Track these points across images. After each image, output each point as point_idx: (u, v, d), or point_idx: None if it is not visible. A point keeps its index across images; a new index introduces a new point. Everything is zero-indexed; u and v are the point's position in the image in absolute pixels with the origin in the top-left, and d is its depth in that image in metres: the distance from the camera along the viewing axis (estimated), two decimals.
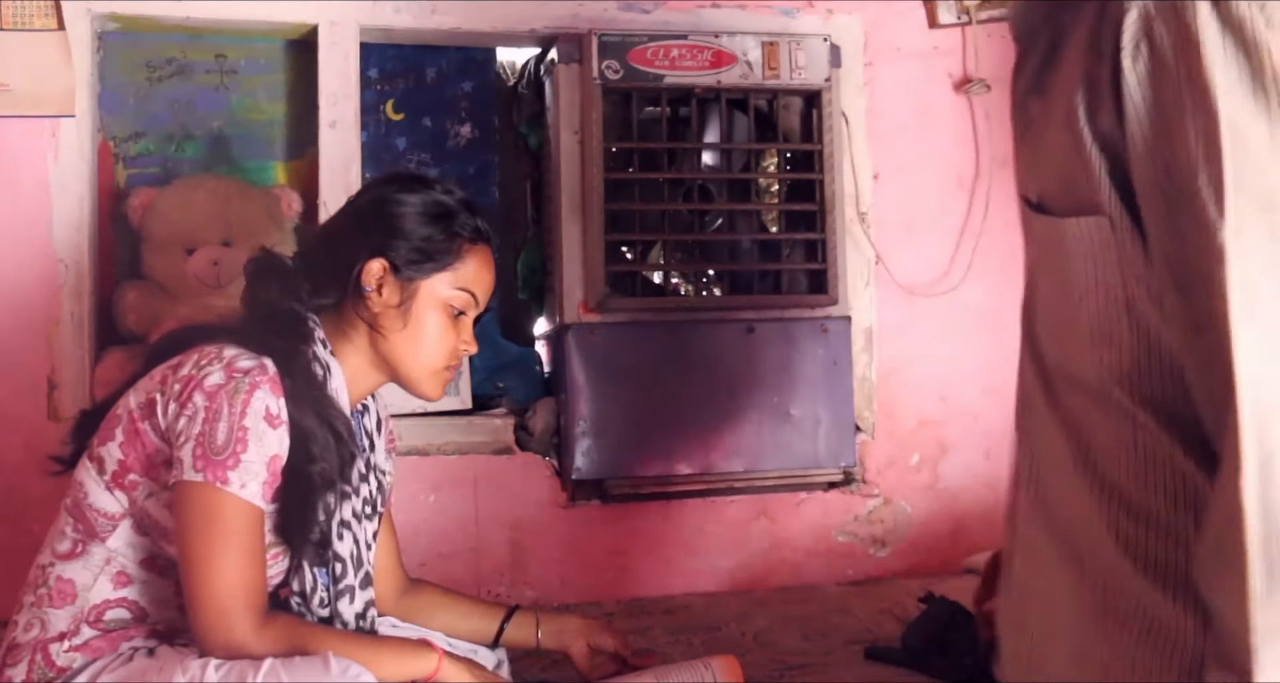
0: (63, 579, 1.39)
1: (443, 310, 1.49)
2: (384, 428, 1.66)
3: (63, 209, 2.20)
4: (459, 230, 1.49)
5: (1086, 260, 0.95)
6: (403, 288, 1.47)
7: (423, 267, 1.47)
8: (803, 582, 2.47)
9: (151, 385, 1.38)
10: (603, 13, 2.43)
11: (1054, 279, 1.00)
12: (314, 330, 1.46)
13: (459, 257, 1.49)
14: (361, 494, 1.51)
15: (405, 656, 1.36)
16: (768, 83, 2.37)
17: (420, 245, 1.47)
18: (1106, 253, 0.94)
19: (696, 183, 2.36)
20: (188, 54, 2.39)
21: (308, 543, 1.41)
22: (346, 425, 1.44)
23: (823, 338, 2.41)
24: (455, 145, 2.52)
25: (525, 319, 2.60)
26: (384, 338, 1.48)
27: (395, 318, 1.47)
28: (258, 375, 1.34)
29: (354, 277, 1.46)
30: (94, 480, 1.39)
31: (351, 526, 1.48)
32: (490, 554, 2.36)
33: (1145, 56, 0.89)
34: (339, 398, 1.45)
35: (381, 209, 1.50)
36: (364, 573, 1.49)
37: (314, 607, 1.43)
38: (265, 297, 1.47)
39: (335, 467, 1.42)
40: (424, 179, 1.56)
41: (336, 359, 1.47)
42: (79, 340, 2.20)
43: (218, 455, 1.30)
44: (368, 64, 2.44)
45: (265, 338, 1.40)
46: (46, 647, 1.37)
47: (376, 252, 1.47)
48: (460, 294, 1.50)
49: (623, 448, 2.32)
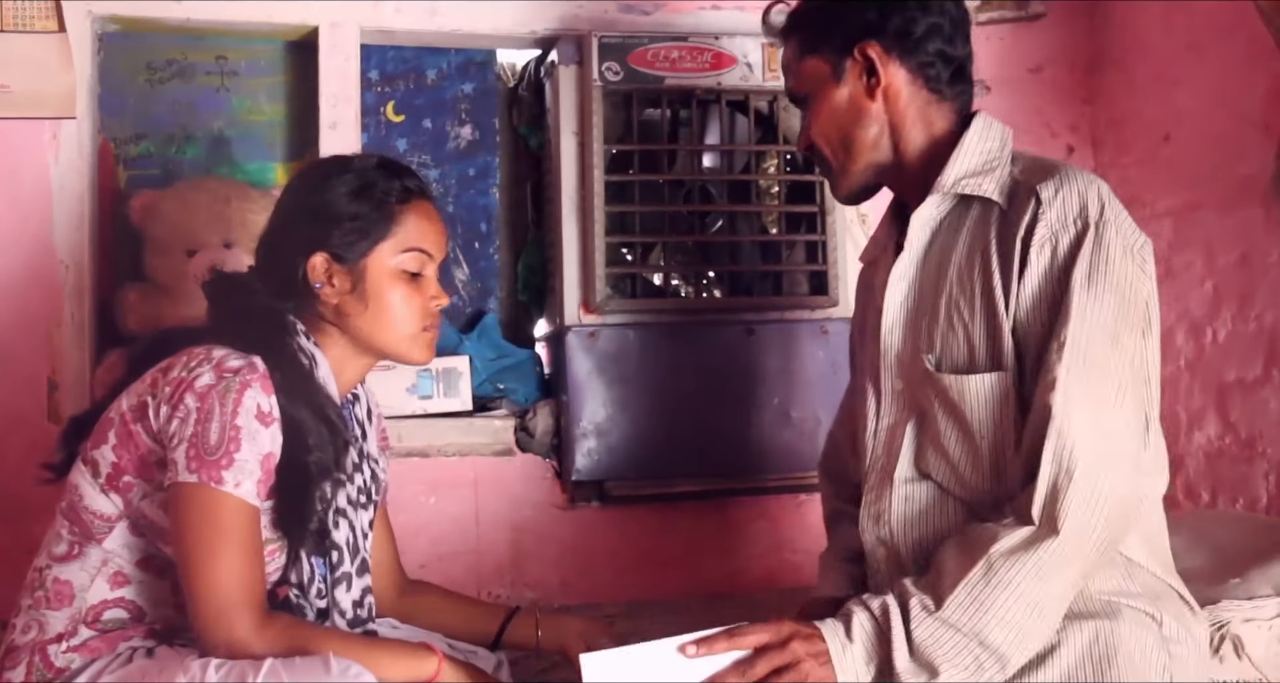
0: (59, 581, 1.39)
1: (398, 278, 1.49)
2: (376, 419, 1.66)
3: (63, 210, 2.20)
4: (385, 197, 1.48)
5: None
6: (351, 272, 1.47)
7: (362, 245, 1.47)
8: (803, 583, 2.47)
9: (142, 388, 1.39)
10: (603, 14, 2.43)
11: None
12: (294, 323, 1.47)
13: (394, 221, 1.48)
14: (356, 483, 1.52)
15: (405, 658, 1.36)
16: (768, 84, 2.37)
17: (352, 226, 1.47)
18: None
19: (697, 184, 2.36)
20: (188, 56, 2.39)
21: (306, 533, 1.41)
22: (339, 414, 1.45)
23: (823, 340, 2.41)
24: (455, 147, 2.52)
25: (526, 321, 2.59)
26: (353, 323, 1.48)
27: (355, 302, 1.48)
28: (248, 374, 1.34)
29: (301, 278, 1.46)
30: (89, 483, 1.40)
31: (347, 513, 1.48)
32: (490, 556, 2.36)
33: (1047, 255, 1.36)
34: (327, 387, 1.46)
35: (305, 203, 1.50)
36: (360, 560, 1.50)
37: (311, 597, 1.44)
38: (229, 312, 1.48)
39: (331, 456, 1.43)
40: (336, 160, 1.56)
41: (320, 349, 1.48)
42: (79, 342, 2.20)
43: (211, 456, 1.31)
44: (368, 66, 2.44)
45: (250, 335, 1.40)
46: (44, 648, 1.37)
47: (314, 247, 1.47)
48: (409, 256, 1.49)
49: (623, 450, 2.32)
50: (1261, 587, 1.68)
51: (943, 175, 1.47)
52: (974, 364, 1.41)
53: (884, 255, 1.60)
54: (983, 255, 1.42)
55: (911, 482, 1.47)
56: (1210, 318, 2.42)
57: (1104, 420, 1.31)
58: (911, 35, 1.50)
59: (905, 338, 1.50)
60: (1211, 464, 2.40)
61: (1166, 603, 1.40)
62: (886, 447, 1.51)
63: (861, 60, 1.50)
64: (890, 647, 1.30)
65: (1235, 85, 2.35)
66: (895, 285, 1.51)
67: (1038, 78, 2.74)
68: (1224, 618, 1.62)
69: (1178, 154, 2.52)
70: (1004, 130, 1.52)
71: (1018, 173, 1.45)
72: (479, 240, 2.53)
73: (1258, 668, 1.62)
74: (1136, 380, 1.34)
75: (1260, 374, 2.31)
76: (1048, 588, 1.29)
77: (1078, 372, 1.31)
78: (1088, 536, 1.29)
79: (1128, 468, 1.32)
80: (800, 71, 1.56)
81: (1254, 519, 2.10)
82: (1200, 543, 1.81)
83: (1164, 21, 2.55)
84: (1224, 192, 2.39)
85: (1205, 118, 2.44)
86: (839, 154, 1.54)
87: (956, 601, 1.30)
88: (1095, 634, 1.33)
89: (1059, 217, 1.37)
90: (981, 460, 1.40)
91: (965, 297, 1.42)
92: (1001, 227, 1.42)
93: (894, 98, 1.51)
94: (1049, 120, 2.75)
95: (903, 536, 1.47)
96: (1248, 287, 2.34)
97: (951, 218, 1.49)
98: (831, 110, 1.52)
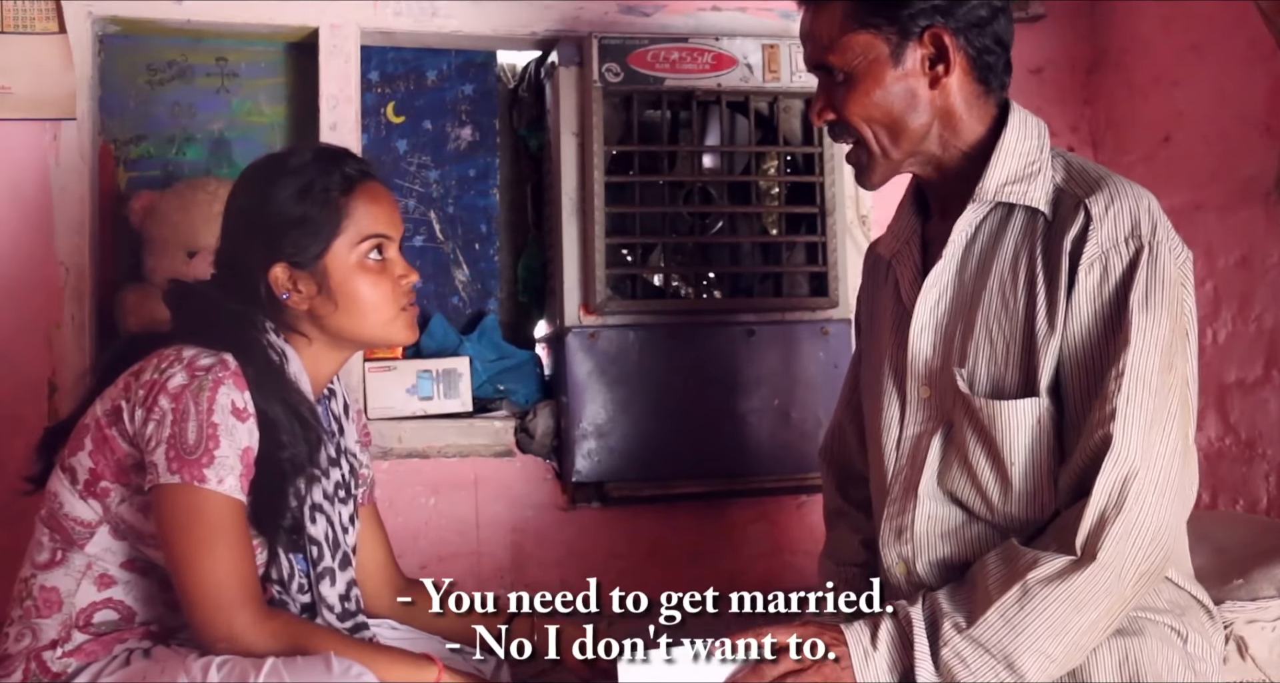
0: (45, 588, 1.39)
1: (361, 269, 1.47)
2: (354, 415, 1.65)
3: (63, 212, 2.20)
4: (327, 192, 1.46)
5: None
6: (313, 275, 1.46)
7: (316, 247, 1.45)
8: (803, 584, 2.46)
9: (116, 393, 1.39)
10: (603, 15, 2.43)
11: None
12: (262, 320, 1.46)
13: (343, 214, 1.46)
14: (333, 478, 1.51)
15: (405, 665, 1.35)
16: (768, 85, 2.37)
17: (303, 230, 1.45)
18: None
19: (697, 185, 2.36)
20: (188, 57, 2.39)
21: (280, 529, 1.41)
22: (311, 410, 1.45)
23: (823, 341, 2.41)
24: (455, 148, 2.52)
25: (526, 322, 2.59)
26: (328, 322, 1.48)
27: (325, 303, 1.47)
28: (220, 371, 1.34)
29: (265, 291, 1.45)
30: (67, 490, 1.39)
31: (324, 508, 1.48)
32: (490, 557, 2.35)
33: (1097, 274, 1.32)
34: (300, 382, 1.45)
35: (252, 215, 1.48)
36: (341, 554, 1.50)
37: (294, 593, 1.44)
38: (194, 314, 1.47)
39: (304, 452, 1.42)
40: (271, 162, 1.52)
41: (291, 346, 1.47)
42: (80, 343, 2.19)
43: (191, 455, 1.31)
44: (368, 67, 2.44)
45: (218, 334, 1.40)
46: (39, 655, 1.37)
47: (270, 259, 1.45)
48: (366, 244, 1.47)
49: (623, 451, 2.32)
50: (1265, 588, 1.68)
51: (984, 181, 1.41)
52: (1007, 385, 1.37)
53: (906, 250, 1.53)
54: (1028, 270, 1.37)
55: (936, 500, 1.44)
56: (1210, 319, 2.42)
57: (1156, 451, 1.29)
58: (979, 21, 1.39)
59: (936, 346, 1.45)
60: (1212, 465, 2.40)
61: (1191, 617, 1.40)
62: (911, 458, 1.46)
63: (931, 47, 1.40)
64: (914, 659, 1.29)
65: (1236, 86, 2.35)
66: (929, 291, 1.45)
67: (1038, 78, 2.73)
68: (1228, 619, 1.61)
69: (1178, 155, 2.52)
70: (1040, 126, 1.46)
71: (1061, 180, 1.40)
72: (479, 242, 2.53)
73: (1261, 669, 1.62)
74: (1183, 403, 1.33)
75: (1260, 375, 2.31)
76: (1082, 618, 1.27)
77: (1137, 401, 1.28)
78: (1129, 568, 1.28)
79: (1173, 497, 1.31)
80: (846, 45, 1.40)
81: (1256, 520, 2.10)
82: (1203, 544, 1.80)
83: (1164, 22, 2.55)
84: (1224, 192, 2.38)
85: (1206, 118, 2.44)
86: (882, 139, 1.43)
87: (988, 621, 1.28)
88: (1125, 654, 1.33)
89: (1110, 235, 1.33)
90: (1011, 486, 1.37)
91: (1006, 312, 1.38)
92: (1047, 240, 1.37)
93: (950, 88, 1.41)
94: (1049, 121, 2.66)
95: (925, 554, 1.44)
96: (1248, 288, 2.34)
97: (992, 223, 1.43)
98: (884, 94, 1.40)
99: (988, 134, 1.44)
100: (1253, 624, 1.63)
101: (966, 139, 1.44)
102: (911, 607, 1.33)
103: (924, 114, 1.42)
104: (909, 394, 1.47)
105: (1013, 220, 1.42)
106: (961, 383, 1.40)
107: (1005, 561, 1.32)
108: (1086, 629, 1.28)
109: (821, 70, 1.46)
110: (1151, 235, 1.33)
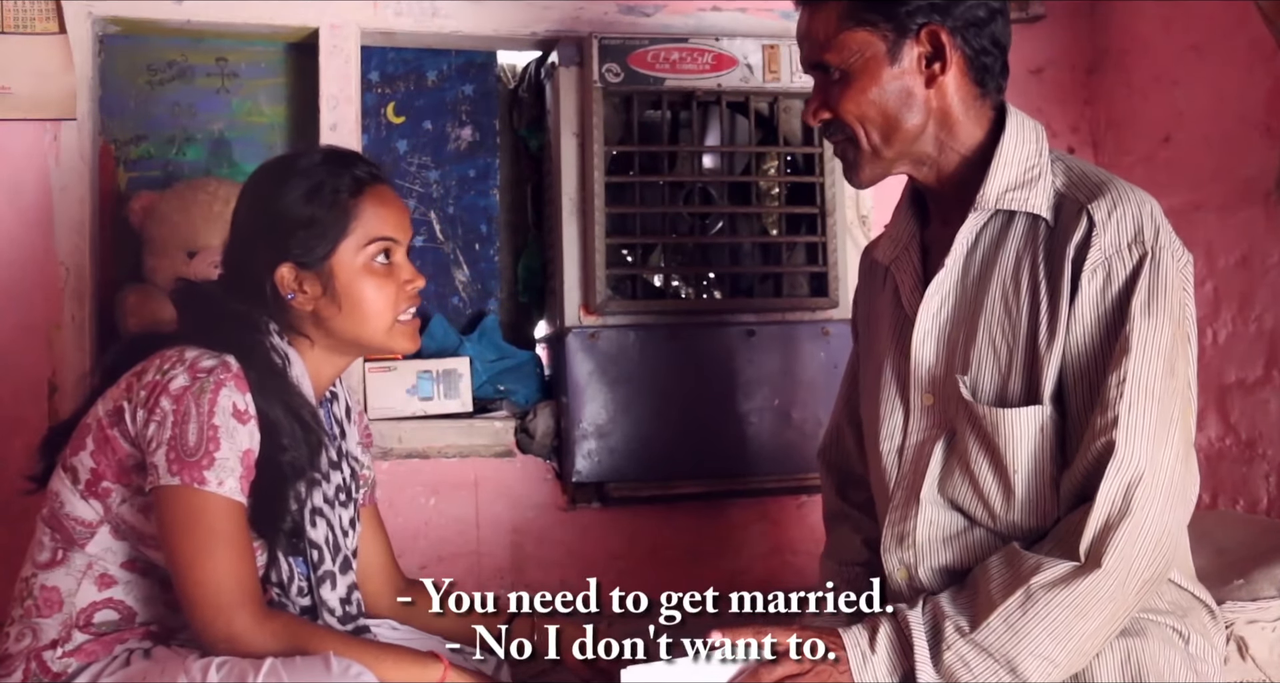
0: (46, 588, 1.39)
1: (367, 272, 1.47)
2: (356, 417, 1.65)
3: (64, 212, 2.20)
4: (336, 194, 1.46)
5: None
6: (319, 276, 1.46)
7: (323, 248, 1.45)
8: (803, 584, 2.46)
9: (118, 393, 1.39)
10: (603, 16, 2.43)
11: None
12: (266, 322, 1.46)
13: (351, 216, 1.46)
14: (334, 481, 1.51)
15: (410, 663, 1.35)
16: (768, 86, 2.37)
17: (310, 232, 1.45)
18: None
19: (697, 186, 2.36)
20: (189, 57, 2.39)
21: (279, 532, 1.41)
22: (313, 413, 1.45)
23: (823, 341, 2.41)
24: (456, 148, 2.52)
25: (526, 322, 2.59)
26: (332, 325, 1.47)
27: (329, 304, 1.46)
28: (221, 373, 1.34)
29: (271, 291, 1.45)
30: (69, 490, 1.40)
31: (324, 512, 1.48)
32: (491, 557, 2.35)
33: (1099, 280, 1.33)
34: (302, 386, 1.45)
35: (260, 215, 1.48)
36: (342, 558, 1.50)
37: (294, 596, 1.44)
38: (199, 315, 1.47)
39: (305, 456, 1.42)
40: (282, 163, 1.53)
41: (294, 349, 1.47)
42: (80, 344, 2.20)
43: (191, 457, 1.31)
44: (368, 67, 2.44)
45: (222, 336, 1.40)
46: (40, 655, 1.37)
47: (277, 259, 1.45)
48: (373, 247, 1.47)
49: (624, 451, 2.32)
50: (1265, 588, 1.68)
51: (984, 189, 1.40)
52: (1011, 393, 1.38)
53: (905, 256, 1.53)
54: (1030, 277, 1.37)
55: (938, 507, 1.44)
56: (1210, 319, 2.41)
57: (1159, 456, 1.30)
58: (977, 21, 1.39)
59: (939, 354, 1.45)
60: (1212, 466, 2.40)
61: (1192, 618, 1.40)
62: (913, 465, 1.46)
63: (928, 45, 1.39)
64: (914, 661, 1.30)
65: (1236, 86, 2.35)
66: (931, 298, 1.45)
67: (1038, 79, 2.73)
68: (1228, 620, 1.61)
69: (1178, 155, 2.52)
70: (1038, 129, 1.45)
71: (1062, 185, 1.40)
72: (479, 242, 2.53)
73: (1261, 669, 1.62)
74: (1184, 407, 1.33)
75: (1261, 375, 2.31)
76: (1086, 624, 1.28)
77: (1139, 408, 1.29)
78: (1133, 575, 1.28)
79: (1177, 503, 1.32)
80: (842, 43, 1.40)
81: (1256, 521, 2.10)
82: (1203, 545, 1.80)
83: (1164, 22, 2.55)
84: (1224, 193, 2.38)
85: (1206, 119, 2.44)
86: (874, 136, 1.42)
87: (992, 626, 1.29)
88: (1126, 654, 1.33)
89: (1113, 241, 1.33)
90: (1014, 493, 1.37)
91: (1009, 319, 1.38)
92: (1049, 245, 1.37)
93: (946, 87, 1.41)
94: (1049, 121, 2.74)
95: (927, 561, 1.44)
96: (1248, 288, 2.34)
97: (993, 230, 1.43)
98: (880, 92, 1.40)
99: (985, 139, 1.44)
100: (1253, 625, 1.63)
101: (964, 143, 1.44)
102: (910, 610, 1.33)
103: (919, 113, 1.41)
104: (911, 401, 1.47)
105: (1014, 226, 1.41)
106: (965, 391, 1.40)
107: (1008, 565, 1.32)
108: (1090, 635, 1.29)
109: (818, 70, 1.46)
110: (1154, 241, 1.33)
